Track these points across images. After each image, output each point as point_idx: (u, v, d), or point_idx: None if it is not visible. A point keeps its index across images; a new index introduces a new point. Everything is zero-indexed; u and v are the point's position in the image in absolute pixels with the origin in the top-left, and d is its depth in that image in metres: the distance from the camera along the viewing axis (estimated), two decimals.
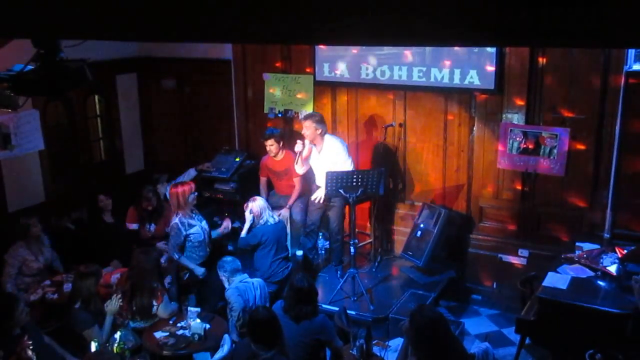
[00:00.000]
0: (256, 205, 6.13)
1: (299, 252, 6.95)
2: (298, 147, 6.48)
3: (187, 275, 6.11)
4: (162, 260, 6.08)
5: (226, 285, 5.47)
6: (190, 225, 5.90)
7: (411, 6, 1.67)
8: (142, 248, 5.86)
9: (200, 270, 5.93)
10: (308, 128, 6.44)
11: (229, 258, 5.58)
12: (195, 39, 2.72)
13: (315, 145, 6.54)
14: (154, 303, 5.37)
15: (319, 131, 6.45)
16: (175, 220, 5.87)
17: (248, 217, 6.13)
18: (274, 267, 6.04)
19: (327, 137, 6.56)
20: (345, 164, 6.42)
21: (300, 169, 6.68)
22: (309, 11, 1.78)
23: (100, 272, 5.37)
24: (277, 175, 7.11)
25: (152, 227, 6.85)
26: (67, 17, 2.13)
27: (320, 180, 6.47)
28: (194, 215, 6.02)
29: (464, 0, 1.63)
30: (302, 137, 6.58)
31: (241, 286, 5.40)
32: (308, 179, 6.94)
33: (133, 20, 2.09)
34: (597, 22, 1.54)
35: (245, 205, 6.24)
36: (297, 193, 7.00)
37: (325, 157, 6.52)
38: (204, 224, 6.08)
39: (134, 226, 6.83)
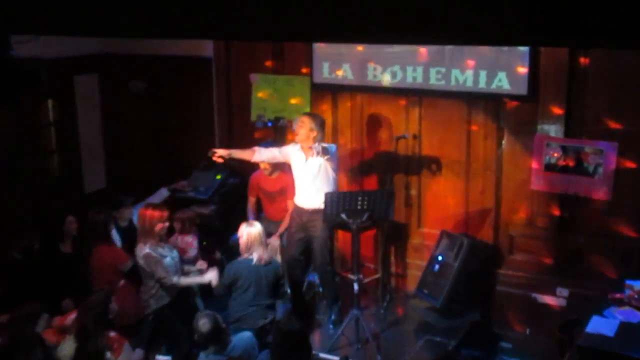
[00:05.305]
0: (249, 232, 5.87)
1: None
2: None
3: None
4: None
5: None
6: (162, 256, 5.90)
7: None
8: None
9: (209, 278, 5.92)
10: (302, 127, 6.29)
11: (200, 322, 5.00)
12: (171, 35, 2.74)
13: (302, 151, 6.39)
14: (108, 355, 5.34)
15: (314, 134, 6.26)
16: (146, 250, 5.87)
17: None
18: (248, 312, 5.75)
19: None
20: (331, 173, 6.37)
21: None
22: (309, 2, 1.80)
23: (40, 312, 5.25)
24: (269, 196, 7.07)
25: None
26: (19, 9, 2.15)
27: (303, 195, 6.44)
28: (164, 244, 6.03)
29: None
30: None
31: None
32: None
33: (97, 12, 2.10)
34: None
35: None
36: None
37: (314, 163, 6.33)
38: (175, 253, 6.09)
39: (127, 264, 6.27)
